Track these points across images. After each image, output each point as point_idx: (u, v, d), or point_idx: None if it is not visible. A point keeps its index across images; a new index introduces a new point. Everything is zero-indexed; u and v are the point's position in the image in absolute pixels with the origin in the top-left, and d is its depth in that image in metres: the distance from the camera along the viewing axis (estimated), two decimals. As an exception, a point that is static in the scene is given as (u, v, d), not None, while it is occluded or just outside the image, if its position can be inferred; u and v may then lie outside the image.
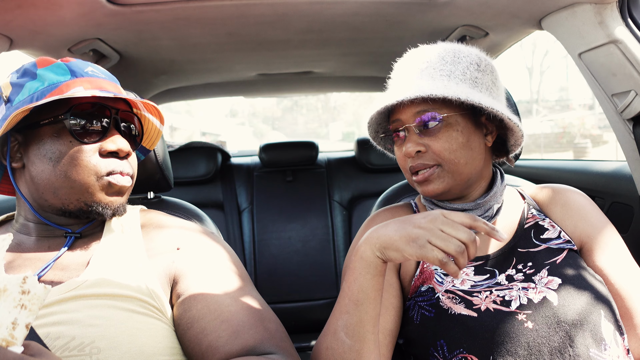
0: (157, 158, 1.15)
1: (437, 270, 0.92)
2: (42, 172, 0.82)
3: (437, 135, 0.88)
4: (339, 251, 2.48)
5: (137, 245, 0.88)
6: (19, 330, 0.54)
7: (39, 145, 0.83)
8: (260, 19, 1.34)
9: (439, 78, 0.88)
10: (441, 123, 0.88)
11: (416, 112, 0.88)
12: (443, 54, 0.91)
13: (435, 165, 0.89)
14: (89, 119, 0.84)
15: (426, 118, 0.88)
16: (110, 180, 0.84)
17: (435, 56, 0.91)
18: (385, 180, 2.51)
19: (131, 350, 0.72)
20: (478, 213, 0.94)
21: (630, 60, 1.11)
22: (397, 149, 0.96)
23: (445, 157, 0.88)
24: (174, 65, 1.84)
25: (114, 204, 0.87)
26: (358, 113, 33.91)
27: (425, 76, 0.89)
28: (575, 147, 14.66)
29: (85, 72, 0.87)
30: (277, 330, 0.82)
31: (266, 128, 33.49)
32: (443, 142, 0.88)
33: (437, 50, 0.92)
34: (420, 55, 0.93)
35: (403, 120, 0.91)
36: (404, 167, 0.94)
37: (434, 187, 0.90)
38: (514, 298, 0.83)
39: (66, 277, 0.80)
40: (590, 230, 0.93)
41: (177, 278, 0.85)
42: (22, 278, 0.55)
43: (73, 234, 0.87)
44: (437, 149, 0.88)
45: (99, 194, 0.84)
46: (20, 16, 1.13)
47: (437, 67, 0.89)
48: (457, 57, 0.90)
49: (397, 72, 0.96)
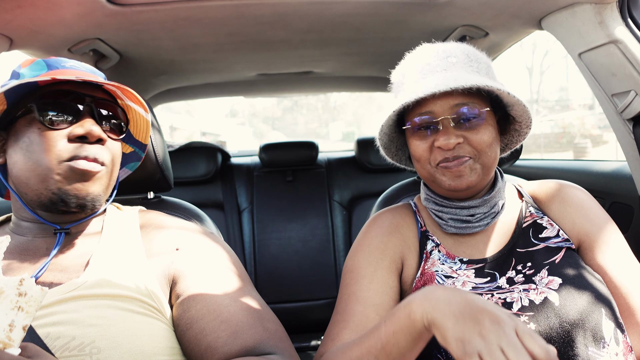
0: (157, 158, 1.15)
1: (438, 272, 0.92)
2: (17, 163, 0.82)
3: (476, 129, 0.87)
4: (339, 251, 2.48)
5: (136, 246, 0.87)
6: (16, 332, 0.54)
7: (16, 138, 0.83)
8: (260, 19, 1.34)
9: (472, 72, 0.88)
10: (481, 117, 0.87)
11: (454, 104, 0.86)
12: (466, 51, 0.91)
13: (469, 157, 0.88)
14: (59, 106, 0.82)
15: (467, 111, 0.86)
16: (71, 164, 0.80)
17: (460, 52, 0.90)
18: (385, 180, 2.51)
19: (131, 350, 0.72)
20: (485, 210, 0.94)
21: (630, 60, 1.11)
22: (421, 142, 0.90)
23: (483, 149, 0.87)
24: (174, 65, 1.84)
25: (78, 192, 0.81)
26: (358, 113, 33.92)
27: (459, 69, 0.88)
28: (575, 147, 14.67)
29: (63, 65, 0.87)
30: (276, 330, 0.82)
31: (266, 128, 33.49)
32: (482, 135, 0.87)
33: (459, 47, 0.91)
34: (442, 50, 0.91)
35: (436, 112, 0.87)
36: (428, 159, 0.90)
37: (467, 179, 0.88)
38: (515, 300, 0.83)
39: (66, 277, 0.80)
40: (590, 227, 0.92)
41: (177, 278, 0.85)
42: (19, 280, 0.55)
43: (62, 230, 0.86)
44: (476, 141, 0.87)
45: (61, 180, 0.80)
46: (20, 16, 1.13)
47: (467, 63, 0.89)
48: (477, 56, 0.91)
49: (416, 65, 0.91)
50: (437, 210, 0.97)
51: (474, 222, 0.94)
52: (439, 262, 0.93)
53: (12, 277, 0.55)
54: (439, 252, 0.95)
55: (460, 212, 0.94)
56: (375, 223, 1.01)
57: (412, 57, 0.94)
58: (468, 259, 0.93)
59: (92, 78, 0.84)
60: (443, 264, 0.93)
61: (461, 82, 0.81)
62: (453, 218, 0.95)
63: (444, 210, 0.95)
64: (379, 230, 0.99)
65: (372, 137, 2.61)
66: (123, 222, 0.93)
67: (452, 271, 0.91)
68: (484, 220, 0.94)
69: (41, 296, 0.56)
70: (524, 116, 0.93)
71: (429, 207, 0.99)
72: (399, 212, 1.03)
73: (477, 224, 0.94)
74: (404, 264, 0.96)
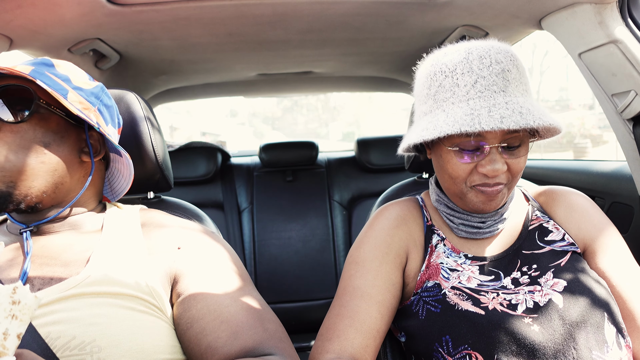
0: (157, 158, 1.15)
1: (443, 264, 0.92)
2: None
3: (519, 157, 0.85)
4: (339, 251, 2.48)
5: (138, 244, 0.87)
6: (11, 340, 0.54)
7: None
8: (260, 19, 1.34)
9: (526, 93, 0.84)
10: (522, 145, 0.86)
11: (506, 132, 0.83)
12: (512, 59, 0.83)
13: (505, 184, 0.87)
14: None
15: (518, 140, 0.85)
16: None
17: (509, 63, 0.82)
18: (385, 180, 2.51)
19: (132, 349, 0.72)
20: (495, 218, 0.94)
21: (630, 60, 1.11)
22: (462, 163, 0.86)
23: (517, 176, 0.87)
24: (174, 65, 1.84)
25: None
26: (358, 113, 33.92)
27: (515, 91, 0.81)
28: (575, 147, 14.66)
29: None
30: (276, 331, 0.82)
31: (266, 128, 33.48)
32: (521, 163, 0.86)
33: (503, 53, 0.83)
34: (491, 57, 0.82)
35: (488, 139, 0.83)
36: (464, 179, 0.87)
37: (497, 203, 0.88)
38: (520, 302, 0.83)
39: (66, 274, 0.80)
40: (594, 232, 0.94)
41: (178, 277, 0.85)
42: (12, 288, 0.55)
43: (27, 229, 0.85)
44: (516, 169, 0.86)
45: None
46: (20, 16, 1.13)
47: (519, 79, 0.83)
48: (518, 62, 0.84)
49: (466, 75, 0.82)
50: (448, 213, 0.97)
51: (484, 229, 0.94)
52: (444, 254, 0.94)
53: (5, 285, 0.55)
54: (444, 245, 0.95)
55: (471, 218, 0.95)
56: (383, 215, 1.01)
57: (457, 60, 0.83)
58: (473, 255, 0.94)
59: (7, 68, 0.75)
60: (448, 257, 0.93)
61: (528, 121, 0.76)
62: (464, 224, 0.95)
63: (456, 215, 0.96)
64: (385, 222, 0.99)
65: (372, 137, 2.61)
66: (124, 220, 0.92)
67: (457, 265, 0.92)
68: (494, 227, 0.95)
69: (35, 304, 0.56)
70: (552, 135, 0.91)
71: (441, 209, 0.99)
72: (406, 205, 1.04)
73: (487, 230, 0.94)
74: (408, 257, 0.96)
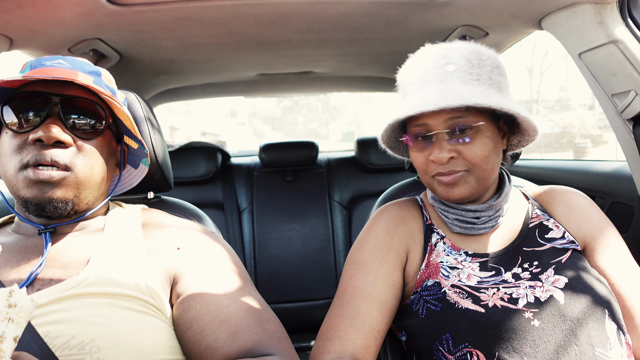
0: (157, 158, 1.15)
1: (443, 263, 0.92)
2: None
3: (470, 143, 0.86)
4: (339, 251, 2.48)
5: (138, 244, 0.87)
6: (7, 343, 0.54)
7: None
8: (260, 19, 1.34)
9: (470, 82, 0.85)
10: (475, 130, 0.86)
11: (448, 118, 0.85)
12: (468, 55, 0.87)
13: (463, 170, 0.88)
14: (26, 108, 0.80)
15: (461, 125, 0.85)
16: (27, 175, 0.78)
17: (461, 58, 0.87)
18: (385, 180, 2.51)
19: (131, 349, 0.72)
20: (490, 213, 0.95)
21: (630, 60, 1.11)
22: (419, 153, 0.91)
23: (477, 163, 0.87)
24: (174, 65, 1.84)
25: (40, 200, 0.79)
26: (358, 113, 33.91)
27: (456, 79, 0.85)
28: (575, 147, 14.66)
29: (44, 64, 0.84)
30: (275, 331, 0.82)
31: (266, 128, 33.47)
32: (476, 149, 0.86)
33: (460, 51, 0.88)
34: (442, 55, 0.88)
35: (431, 126, 0.87)
36: (425, 170, 0.91)
37: (460, 191, 0.89)
38: (521, 296, 0.84)
39: (66, 274, 0.80)
40: (593, 230, 0.94)
41: (177, 278, 0.85)
42: (9, 291, 0.55)
43: (46, 230, 0.85)
44: (469, 155, 0.86)
45: (23, 188, 0.79)
46: (20, 16, 1.13)
47: (466, 70, 0.86)
48: (481, 59, 0.87)
49: (415, 72, 0.90)
50: (443, 209, 0.98)
51: (478, 224, 0.95)
52: (444, 253, 0.94)
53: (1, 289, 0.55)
54: (444, 244, 0.96)
55: (465, 214, 0.95)
56: (383, 215, 1.02)
57: (414, 61, 0.93)
58: (473, 252, 0.94)
59: (63, 75, 0.80)
60: (448, 255, 0.94)
61: (450, 102, 0.80)
62: (458, 219, 0.96)
63: (450, 210, 0.97)
64: (386, 222, 1.00)
65: (372, 137, 2.61)
66: (125, 220, 0.93)
67: (457, 262, 0.92)
68: (489, 223, 0.95)
69: (32, 307, 0.56)
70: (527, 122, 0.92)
71: (436, 205, 1.00)
72: (405, 205, 1.04)
73: (482, 226, 0.95)
74: (408, 257, 0.96)
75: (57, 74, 0.81)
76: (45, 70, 0.83)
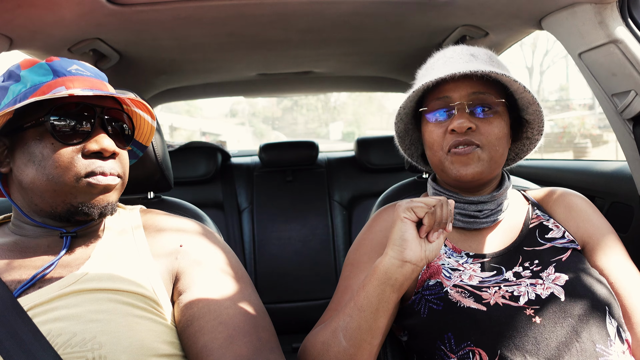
0: (157, 158, 1.15)
1: (444, 265, 0.93)
2: (28, 176, 0.81)
3: (489, 120, 0.90)
4: (339, 251, 2.48)
5: (139, 243, 0.88)
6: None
7: (24, 149, 0.81)
8: (260, 19, 1.34)
9: (493, 67, 0.91)
10: (496, 109, 0.91)
11: (472, 92, 0.90)
12: (489, 52, 0.97)
13: (477, 145, 0.90)
14: (72, 119, 0.82)
15: (483, 100, 0.90)
16: (90, 181, 0.81)
17: (483, 53, 0.95)
18: (385, 180, 2.51)
19: (132, 345, 0.72)
20: (492, 206, 0.96)
21: (630, 60, 1.11)
22: (436, 128, 0.93)
23: (492, 141, 0.90)
24: (174, 65, 1.84)
25: (100, 203, 0.83)
26: (358, 113, 33.91)
27: (480, 63, 0.91)
28: (575, 147, 14.66)
29: (69, 70, 0.85)
30: (269, 341, 0.82)
31: (266, 128, 33.46)
32: (494, 127, 0.90)
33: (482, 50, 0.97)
34: (464, 48, 0.96)
35: (454, 98, 0.91)
36: (440, 145, 0.92)
37: (473, 168, 0.90)
38: (522, 293, 0.85)
39: (66, 272, 0.80)
40: (593, 231, 0.96)
41: (179, 275, 0.86)
42: None
43: (69, 233, 0.86)
44: (487, 131, 0.90)
45: (81, 195, 0.81)
46: (20, 16, 1.13)
47: (487, 60, 0.93)
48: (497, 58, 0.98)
49: (439, 57, 0.97)
50: None
51: (481, 218, 0.96)
52: (445, 255, 0.95)
53: None
54: (445, 245, 0.96)
55: (468, 207, 0.96)
56: (380, 217, 1.02)
57: (436, 55, 0.99)
58: (474, 253, 0.94)
59: (102, 88, 0.84)
60: (449, 257, 0.94)
61: (480, 68, 0.85)
62: (461, 213, 0.96)
63: None
64: (383, 224, 1.00)
65: (372, 137, 2.61)
66: (125, 220, 0.93)
67: (458, 264, 0.93)
68: (491, 217, 0.96)
69: None
70: (536, 119, 0.96)
71: None
72: None
73: (485, 220, 0.96)
74: None
75: (92, 84, 0.85)
76: (77, 79, 0.85)
